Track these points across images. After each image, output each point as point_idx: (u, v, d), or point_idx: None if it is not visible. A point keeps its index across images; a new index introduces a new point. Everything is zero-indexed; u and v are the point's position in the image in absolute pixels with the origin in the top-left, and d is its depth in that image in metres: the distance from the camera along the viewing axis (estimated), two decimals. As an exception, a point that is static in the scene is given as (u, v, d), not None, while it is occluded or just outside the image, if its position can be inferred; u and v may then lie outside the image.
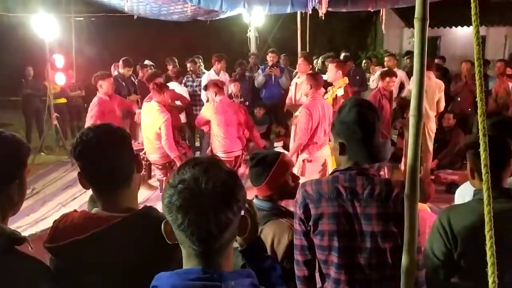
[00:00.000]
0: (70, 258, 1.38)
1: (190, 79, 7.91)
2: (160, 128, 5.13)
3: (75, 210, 1.50)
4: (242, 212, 1.14)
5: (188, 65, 8.14)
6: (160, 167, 5.58)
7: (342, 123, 1.86)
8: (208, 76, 7.57)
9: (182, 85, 7.70)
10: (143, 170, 1.38)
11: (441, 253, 1.99)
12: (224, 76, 7.56)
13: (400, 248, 1.77)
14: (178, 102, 6.87)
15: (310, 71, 6.40)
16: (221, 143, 5.41)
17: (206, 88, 5.99)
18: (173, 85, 7.44)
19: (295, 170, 4.87)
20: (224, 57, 7.75)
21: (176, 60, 8.79)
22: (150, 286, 1.07)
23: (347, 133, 1.86)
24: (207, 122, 5.54)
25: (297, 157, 4.86)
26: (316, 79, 4.88)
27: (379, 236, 1.76)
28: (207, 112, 5.47)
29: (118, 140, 1.48)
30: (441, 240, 1.99)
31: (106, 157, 1.42)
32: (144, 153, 5.51)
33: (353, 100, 1.91)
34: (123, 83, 7.28)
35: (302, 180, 5.13)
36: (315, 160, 4.86)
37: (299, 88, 6.66)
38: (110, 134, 1.47)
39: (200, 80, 7.84)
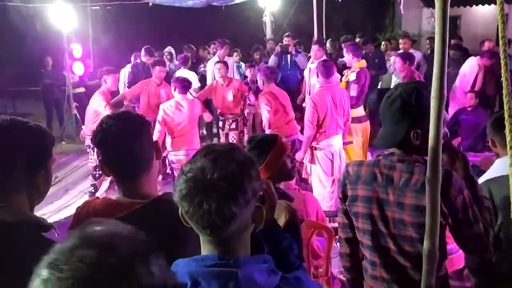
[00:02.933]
0: (93, 244, 1.40)
1: (202, 65, 8.15)
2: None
3: (96, 197, 1.53)
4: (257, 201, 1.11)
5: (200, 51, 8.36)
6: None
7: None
8: (212, 62, 7.55)
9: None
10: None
11: None
12: (228, 62, 7.60)
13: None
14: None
15: (324, 58, 6.32)
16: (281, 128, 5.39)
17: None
18: (182, 72, 7.51)
19: (306, 158, 4.85)
20: (227, 43, 7.75)
21: (194, 48, 8.82)
22: None
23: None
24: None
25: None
26: (325, 67, 4.71)
27: (412, 226, 1.72)
28: (262, 101, 5.48)
29: (137, 127, 1.49)
30: None
31: (126, 144, 1.44)
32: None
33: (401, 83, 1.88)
34: (143, 71, 7.33)
35: (313, 167, 5.08)
36: (323, 148, 4.76)
37: (312, 73, 6.60)
38: (129, 122, 1.48)
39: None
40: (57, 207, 5.54)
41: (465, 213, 1.68)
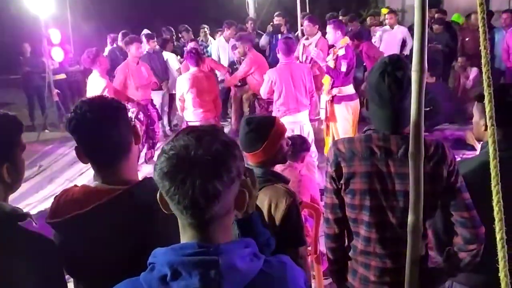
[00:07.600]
0: (72, 232, 1.38)
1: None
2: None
3: (75, 185, 1.49)
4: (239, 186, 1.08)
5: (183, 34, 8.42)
6: None
7: (368, 84, 1.82)
8: (218, 43, 7.86)
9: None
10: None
11: None
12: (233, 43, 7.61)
13: (433, 207, 1.78)
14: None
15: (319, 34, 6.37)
16: None
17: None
18: (165, 55, 7.46)
19: None
20: (234, 24, 7.88)
21: (172, 29, 8.69)
22: (147, 262, 1.04)
23: (369, 96, 1.82)
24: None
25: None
26: (287, 44, 4.96)
27: None
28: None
29: (113, 112, 1.45)
30: None
31: (101, 130, 1.40)
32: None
33: (381, 59, 1.81)
34: (121, 56, 7.17)
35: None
36: (286, 125, 4.90)
37: (305, 50, 6.58)
38: (104, 107, 1.44)
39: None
40: (42, 196, 5.47)
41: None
